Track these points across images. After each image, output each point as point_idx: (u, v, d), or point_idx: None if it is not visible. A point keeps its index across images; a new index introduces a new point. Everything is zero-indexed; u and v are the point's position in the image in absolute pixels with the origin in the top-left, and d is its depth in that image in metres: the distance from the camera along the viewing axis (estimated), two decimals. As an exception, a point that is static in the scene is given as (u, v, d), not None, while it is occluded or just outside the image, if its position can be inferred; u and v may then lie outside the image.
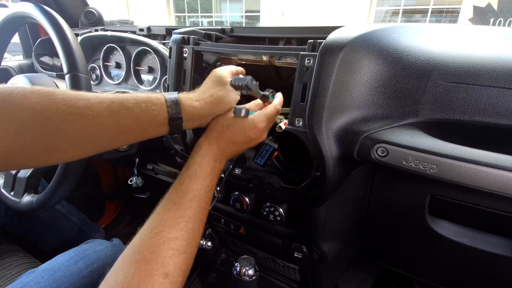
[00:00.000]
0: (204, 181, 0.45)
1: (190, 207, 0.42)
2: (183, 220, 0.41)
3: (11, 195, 0.73)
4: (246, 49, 0.61)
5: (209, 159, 0.47)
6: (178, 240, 0.39)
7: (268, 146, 0.56)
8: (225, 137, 0.48)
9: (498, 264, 0.48)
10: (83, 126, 0.38)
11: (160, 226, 0.40)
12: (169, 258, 0.37)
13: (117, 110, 0.40)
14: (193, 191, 0.43)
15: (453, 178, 0.41)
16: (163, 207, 0.42)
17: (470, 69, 0.46)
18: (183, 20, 10.44)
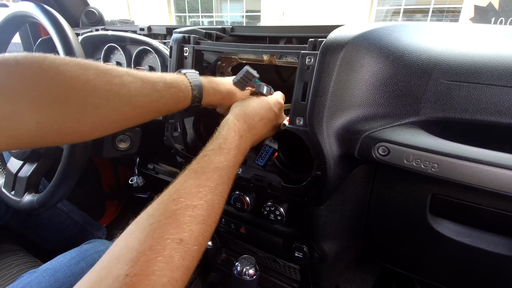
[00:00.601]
0: (228, 155, 0.43)
1: (211, 178, 0.40)
2: (203, 190, 0.39)
3: (11, 195, 0.73)
4: (246, 48, 0.61)
5: (234, 134, 0.46)
6: (197, 208, 0.37)
7: (268, 147, 0.56)
8: (253, 112, 0.50)
9: (500, 263, 0.48)
10: (119, 105, 0.38)
11: (179, 193, 0.37)
12: (186, 225, 0.35)
13: (150, 92, 0.41)
14: (216, 163, 0.42)
15: (455, 177, 0.41)
16: (183, 177, 0.40)
17: (472, 68, 0.45)
18: (184, 20, 10.44)
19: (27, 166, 0.74)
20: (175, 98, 0.45)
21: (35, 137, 0.34)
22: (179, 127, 0.71)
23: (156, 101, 0.43)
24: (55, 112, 0.34)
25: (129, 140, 0.80)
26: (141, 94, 0.40)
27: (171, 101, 0.45)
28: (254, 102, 0.52)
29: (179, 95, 0.45)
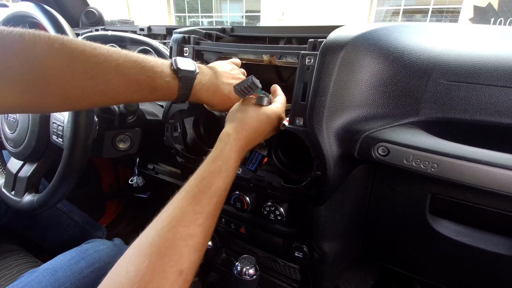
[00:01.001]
0: (227, 179, 0.43)
1: (210, 203, 0.40)
2: (201, 216, 0.39)
3: (12, 195, 0.73)
4: (246, 48, 0.61)
5: (235, 154, 0.45)
6: (196, 237, 0.37)
7: (257, 154, 0.57)
8: (254, 128, 0.48)
9: (499, 263, 0.48)
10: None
11: (178, 220, 0.37)
12: (185, 256, 0.35)
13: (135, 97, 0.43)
14: (214, 188, 0.41)
15: (454, 177, 0.41)
16: (182, 200, 0.40)
17: (471, 68, 0.45)
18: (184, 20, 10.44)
19: (27, 166, 0.74)
20: (159, 90, 0.44)
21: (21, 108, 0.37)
22: (179, 127, 0.71)
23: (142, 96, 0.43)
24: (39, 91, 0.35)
25: (129, 140, 0.80)
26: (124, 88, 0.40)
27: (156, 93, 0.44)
28: (254, 118, 0.49)
29: (163, 88, 0.44)
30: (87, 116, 0.58)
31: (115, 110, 0.76)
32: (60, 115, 0.65)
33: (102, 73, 0.38)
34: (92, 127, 0.60)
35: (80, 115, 0.57)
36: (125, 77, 0.40)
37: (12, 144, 0.73)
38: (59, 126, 0.64)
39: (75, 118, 0.57)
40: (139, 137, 0.82)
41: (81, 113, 0.57)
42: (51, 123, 0.67)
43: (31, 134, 0.68)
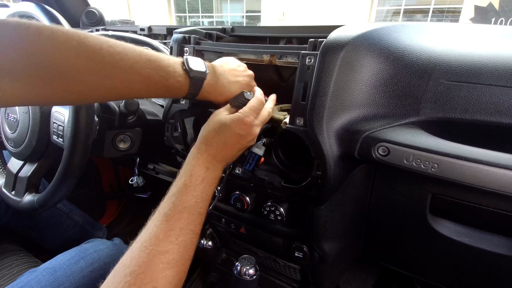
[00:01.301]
0: (195, 192, 0.44)
1: (180, 219, 0.41)
2: (173, 233, 0.40)
3: (12, 195, 0.73)
4: (247, 48, 0.61)
5: (199, 167, 0.46)
6: (169, 253, 0.39)
7: (254, 154, 0.57)
8: (214, 142, 0.48)
9: (500, 263, 0.48)
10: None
11: (150, 240, 0.39)
12: (159, 273, 0.37)
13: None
14: (183, 203, 0.43)
15: (455, 177, 0.41)
16: (153, 221, 0.42)
17: (472, 68, 0.45)
18: (184, 20, 10.45)
19: (28, 166, 0.74)
20: (170, 90, 0.45)
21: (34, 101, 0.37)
22: (179, 127, 0.71)
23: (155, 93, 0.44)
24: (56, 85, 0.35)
25: (129, 140, 0.80)
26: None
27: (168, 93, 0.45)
28: (212, 131, 0.49)
29: (175, 86, 0.45)
30: (87, 116, 0.58)
31: (116, 110, 0.77)
32: (60, 115, 0.65)
33: (118, 72, 0.38)
34: (92, 127, 0.60)
35: (81, 115, 0.57)
36: (139, 76, 0.40)
37: (13, 144, 0.73)
38: (60, 126, 0.64)
39: (76, 118, 0.57)
40: (140, 137, 0.82)
41: (81, 113, 0.57)
42: (52, 123, 0.67)
43: (31, 134, 0.68)
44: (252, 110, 0.50)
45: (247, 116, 0.49)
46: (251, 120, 0.50)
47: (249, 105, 0.51)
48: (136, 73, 0.40)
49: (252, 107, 0.51)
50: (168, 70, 0.43)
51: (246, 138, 0.50)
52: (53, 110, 0.68)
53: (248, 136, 0.50)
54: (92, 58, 0.36)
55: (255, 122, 0.51)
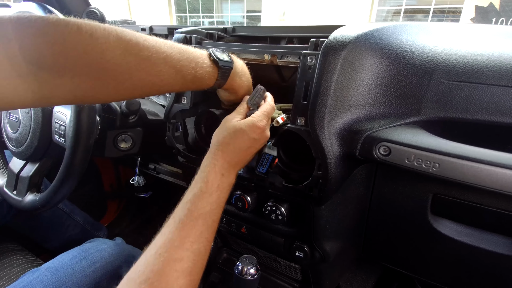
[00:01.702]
0: (210, 198, 0.44)
1: (195, 226, 0.41)
2: (188, 240, 0.40)
3: (14, 194, 0.73)
4: (248, 48, 0.61)
5: (215, 174, 0.45)
6: (183, 261, 0.38)
7: (268, 155, 0.56)
8: (231, 148, 0.47)
9: (501, 263, 0.48)
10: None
11: (165, 247, 0.39)
12: (174, 281, 0.37)
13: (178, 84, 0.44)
14: (199, 209, 0.42)
15: (456, 177, 0.41)
16: (168, 226, 0.41)
17: (473, 68, 0.45)
18: (185, 20, 10.45)
19: (29, 165, 0.74)
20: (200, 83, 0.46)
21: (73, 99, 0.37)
22: (180, 127, 0.71)
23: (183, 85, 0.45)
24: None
25: (130, 140, 0.80)
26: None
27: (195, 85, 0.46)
28: (227, 137, 0.48)
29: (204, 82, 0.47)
30: (89, 116, 0.58)
31: (117, 110, 0.77)
32: (62, 115, 0.65)
33: (153, 65, 0.39)
34: (94, 126, 0.60)
35: (82, 115, 0.57)
36: (172, 68, 0.41)
37: (14, 144, 0.73)
38: (61, 125, 0.64)
39: (77, 118, 0.57)
40: (141, 137, 0.82)
41: (83, 113, 0.57)
42: (53, 122, 0.67)
43: (33, 134, 0.69)
44: (264, 114, 0.51)
45: (260, 120, 0.50)
46: (264, 124, 0.50)
47: (262, 110, 0.52)
48: (170, 66, 0.41)
49: (265, 111, 0.52)
50: (197, 61, 0.44)
51: (260, 142, 0.51)
52: (55, 110, 0.68)
53: (262, 139, 0.51)
54: (129, 52, 0.36)
55: (267, 126, 0.52)
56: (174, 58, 0.41)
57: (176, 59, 0.41)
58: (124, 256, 0.72)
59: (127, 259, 0.72)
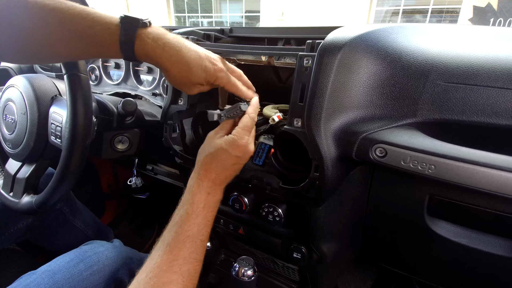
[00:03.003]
0: (196, 220, 0.44)
1: (183, 248, 0.42)
2: (176, 263, 0.41)
3: (10, 196, 0.73)
4: (245, 49, 0.61)
5: (200, 195, 0.46)
6: (172, 284, 0.40)
7: (264, 145, 0.55)
8: (213, 167, 0.47)
9: (497, 264, 0.48)
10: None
11: (154, 271, 0.40)
12: None
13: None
14: (186, 232, 0.43)
15: (452, 179, 0.41)
16: (157, 250, 0.42)
17: (469, 69, 0.45)
18: (183, 20, 10.44)
19: (26, 167, 0.74)
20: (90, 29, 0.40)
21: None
22: (177, 128, 0.71)
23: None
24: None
25: (127, 141, 0.80)
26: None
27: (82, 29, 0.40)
28: (212, 156, 0.47)
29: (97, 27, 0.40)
30: (85, 117, 0.58)
31: (114, 111, 0.76)
32: (58, 116, 0.65)
33: (38, 13, 0.38)
34: (90, 128, 0.59)
35: (79, 116, 0.57)
36: (59, 20, 0.39)
37: (11, 145, 0.72)
38: (57, 126, 0.64)
39: (74, 119, 0.57)
40: (138, 138, 0.81)
41: (79, 114, 0.57)
42: (49, 123, 0.67)
43: (29, 135, 0.68)
44: (245, 130, 0.49)
45: (241, 138, 0.48)
46: (246, 141, 0.48)
47: (241, 125, 0.49)
48: (57, 17, 0.39)
49: (245, 127, 0.49)
50: (97, 20, 0.40)
51: (244, 157, 0.49)
52: (51, 111, 0.67)
53: (246, 155, 0.49)
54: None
55: (249, 140, 0.49)
56: (63, 9, 0.38)
57: (66, 9, 0.39)
58: (122, 258, 0.72)
59: (125, 262, 0.72)
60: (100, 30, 0.40)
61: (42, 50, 0.41)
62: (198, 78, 0.47)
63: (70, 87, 0.57)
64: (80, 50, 0.42)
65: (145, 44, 0.42)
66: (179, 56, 0.44)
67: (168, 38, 0.44)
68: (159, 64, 0.45)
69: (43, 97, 0.69)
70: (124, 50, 0.42)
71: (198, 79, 0.47)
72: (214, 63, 0.49)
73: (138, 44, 0.42)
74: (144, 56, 0.43)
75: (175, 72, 0.45)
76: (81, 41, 0.40)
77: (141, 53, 0.43)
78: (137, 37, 0.41)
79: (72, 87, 0.57)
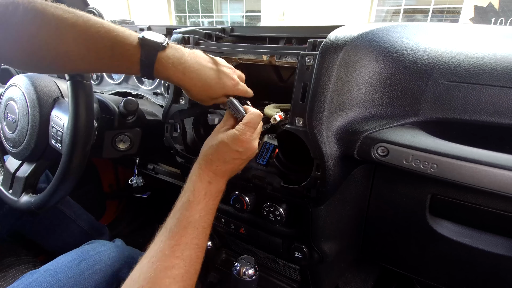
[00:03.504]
0: (198, 206, 0.45)
1: (185, 234, 0.43)
2: (178, 248, 0.42)
3: (9, 193, 0.73)
4: (246, 48, 0.61)
5: (201, 183, 0.47)
6: (175, 268, 0.40)
7: (268, 145, 0.55)
8: (214, 158, 0.48)
9: (499, 264, 0.48)
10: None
11: (157, 256, 0.41)
12: (166, 287, 0.39)
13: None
14: (187, 218, 0.44)
15: (454, 178, 0.41)
16: (160, 236, 0.43)
17: (471, 68, 0.45)
18: (184, 20, 10.44)
19: (26, 166, 0.74)
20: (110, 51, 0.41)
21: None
22: (178, 128, 0.71)
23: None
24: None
25: (129, 141, 0.80)
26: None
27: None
28: (214, 148, 0.48)
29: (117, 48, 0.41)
30: (87, 122, 0.58)
31: (115, 111, 0.76)
32: (59, 120, 0.64)
33: (57, 30, 0.38)
34: (91, 133, 0.59)
35: (80, 121, 0.57)
36: (81, 37, 0.39)
37: (11, 144, 0.73)
38: (58, 131, 0.64)
39: (75, 125, 0.57)
40: (139, 137, 0.82)
41: (80, 119, 0.57)
42: (51, 127, 0.67)
43: (30, 136, 0.68)
44: (248, 126, 0.49)
45: (243, 133, 0.48)
46: (248, 137, 0.48)
47: (245, 121, 0.49)
48: (78, 33, 0.39)
49: (248, 123, 0.49)
50: (115, 40, 0.41)
51: (246, 153, 0.49)
52: (53, 114, 0.67)
53: (248, 151, 0.49)
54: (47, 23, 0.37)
55: (253, 137, 0.49)
56: (82, 26, 0.39)
57: (84, 26, 0.39)
58: (124, 258, 0.72)
59: (126, 261, 0.72)
60: (120, 53, 0.41)
61: (57, 63, 0.41)
62: (217, 94, 0.50)
63: (73, 93, 0.57)
64: (97, 67, 0.43)
65: (165, 68, 0.44)
66: (199, 78, 0.47)
67: (186, 60, 0.46)
68: (181, 85, 0.47)
69: (45, 99, 0.69)
70: (144, 72, 0.43)
71: (217, 95, 0.50)
72: (231, 78, 0.51)
73: (158, 68, 0.44)
74: (164, 78, 0.46)
75: (196, 92, 0.48)
76: (100, 60, 0.41)
77: (161, 75, 0.45)
78: (157, 61, 0.43)
79: (75, 94, 0.57)
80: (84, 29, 0.39)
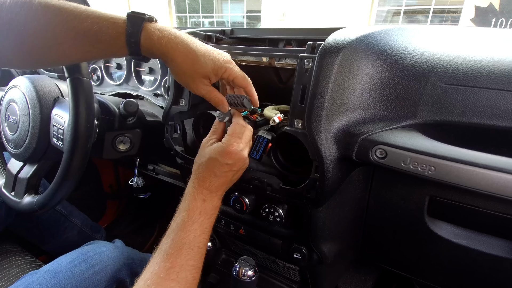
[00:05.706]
0: (192, 226, 0.45)
1: (180, 255, 0.43)
2: (173, 271, 0.41)
3: (12, 195, 0.73)
4: (246, 50, 0.62)
5: (195, 202, 0.46)
6: None
7: (262, 139, 0.54)
8: (206, 175, 0.48)
9: (497, 265, 0.48)
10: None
11: (152, 279, 0.41)
12: None
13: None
14: (182, 239, 0.44)
15: (452, 180, 0.41)
16: (155, 258, 0.43)
17: (469, 71, 0.46)
18: (184, 20, 10.45)
19: (28, 167, 0.74)
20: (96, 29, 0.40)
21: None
22: (178, 129, 0.71)
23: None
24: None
25: (129, 142, 0.80)
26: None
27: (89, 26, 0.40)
28: (204, 165, 0.48)
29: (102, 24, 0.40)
30: (87, 119, 0.58)
31: (115, 112, 0.77)
32: (60, 119, 0.65)
33: (34, 12, 0.38)
34: (92, 130, 0.60)
35: (81, 119, 0.57)
36: (71, 27, 0.39)
37: (13, 145, 0.73)
38: (59, 129, 0.64)
39: (76, 122, 0.57)
40: (139, 139, 0.82)
41: (81, 117, 0.57)
42: (52, 126, 0.67)
43: (31, 136, 0.69)
44: (234, 137, 0.48)
45: (230, 145, 0.47)
46: (235, 148, 0.48)
47: (230, 132, 0.49)
48: (55, 14, 0.39)
49: (233, 133, 0.49)
50: (102, 16, 0.40)
51: (236, 165, 0.49)
52: (53, 113, 0.68)
53: (238, 162, 0.49)
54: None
55: (240, 147, 0.49)
56: (68, 9, 0.39)
57: (71, 8, 0.39)
58: (124, 259, 0.72)
59: (126, 262, 0.72)
60: (106, 25, 0.40)
61: (48, 53, 0.41)
62: (205, 68, 0.45)
63: (73, 90, 0.57)
64: (85, 48, 0.41)
65: (151, 34, 0.41)
66: (185, 46, 0.43)
67: (174, 30, 0.43)
68: (165, 54, 0.43)
69: (46, 99, 0.69)
70: (130, 43, 0.41)
71: (205, 70, 0.45)
72: (222, 54, 0.48)
73: (144, 36, 0.41)
74: (149, 47, 0.42)
75: (181, 63, 0.43)
76: (86, 38, 0.40)
77: (147, 44, 0.42)
78: (143, 29, 0.41)
79: (75, 91, 0.57)
80: (70, 11, 0.39)
